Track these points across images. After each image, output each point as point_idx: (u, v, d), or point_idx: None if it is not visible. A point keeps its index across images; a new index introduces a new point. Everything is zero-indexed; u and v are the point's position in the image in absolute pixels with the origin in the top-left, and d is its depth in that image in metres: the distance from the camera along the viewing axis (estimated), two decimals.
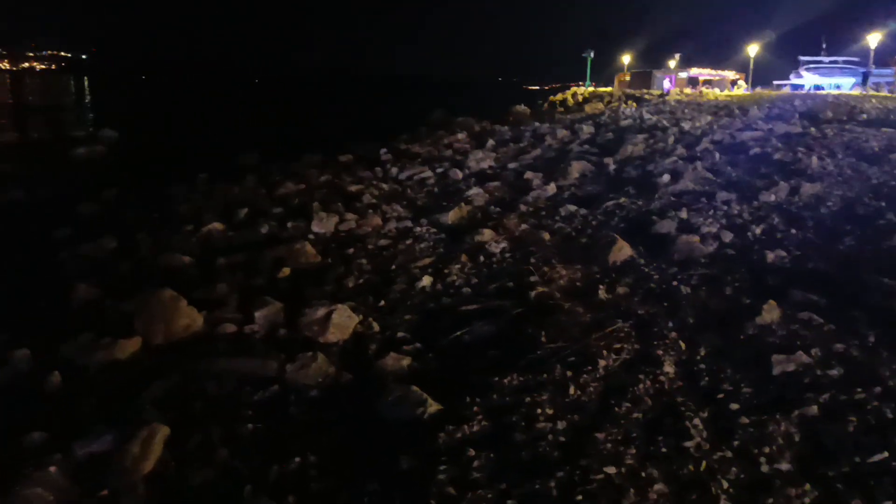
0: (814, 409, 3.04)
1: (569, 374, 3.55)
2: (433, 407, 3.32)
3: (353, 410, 3.52)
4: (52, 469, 2.79)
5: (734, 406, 3.16)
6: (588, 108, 34.54)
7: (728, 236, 6.29)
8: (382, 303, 5.24)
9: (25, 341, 4.31)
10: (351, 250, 6.72)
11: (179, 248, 7.01)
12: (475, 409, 3.28)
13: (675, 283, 5.10)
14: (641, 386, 3.39)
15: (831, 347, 3.67)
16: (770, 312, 4.18)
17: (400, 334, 4.58)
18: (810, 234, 6.27)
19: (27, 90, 73.41)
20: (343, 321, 4.55)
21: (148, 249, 7.03)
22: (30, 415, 3.39)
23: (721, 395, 3.27)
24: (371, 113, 46.50)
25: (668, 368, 3.58)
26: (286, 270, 6.04)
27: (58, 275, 6.21)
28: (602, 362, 3.67)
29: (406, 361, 4.03)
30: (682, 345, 3.89)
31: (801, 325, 4.02)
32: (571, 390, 3.38)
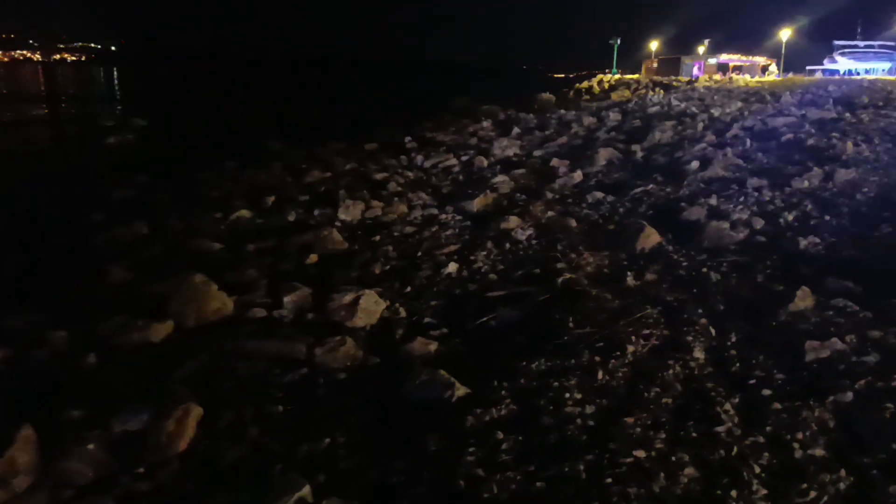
0: (848, 395, 2.99)
1: (597, 359, 3.54)
2: (461, 390, 3.33)
3: (380, 393, 3.55)
4: (91, 445, 2.86)
5: (766, 392, 3.11)
6: (615, 96, 34.14)
7: (759, 223, 6.18)
8: (409, 289, 5.26)
9: (62, 323, 4.42)
10: (377, 237, 6.76)
11: (209, 233, 7.11)
12: (503, 392, 3.29)
13: (704, 269, 5.04)
14: (671, 371, 3.36)
15: (867, 334, 3.60)
16: (803, 299, 4.11)
17: (426, 319, 4.60)
18: (845, 221, 6.14)
19: (59, 81, 74.75)
20: (370, 306, 4.57)
21: (178, 234, 7.14)
22: (68, 393, 3.48)
23: (752, 382, 3.23)
24: (396, 99, 46.55)
25: (698, 354, 3.54)
26: (314, 256, 6.09)
27: (92, 258, 6.33)
28: (630, 348, 3.64)
29: (433, 346, 4.05)
30: (712, 331, 3.84)
31: (835, 312, 3.95)
32: (599, 375, 3.36)
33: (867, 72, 46.43)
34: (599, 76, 64.31)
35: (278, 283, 5.22)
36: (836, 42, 56.45)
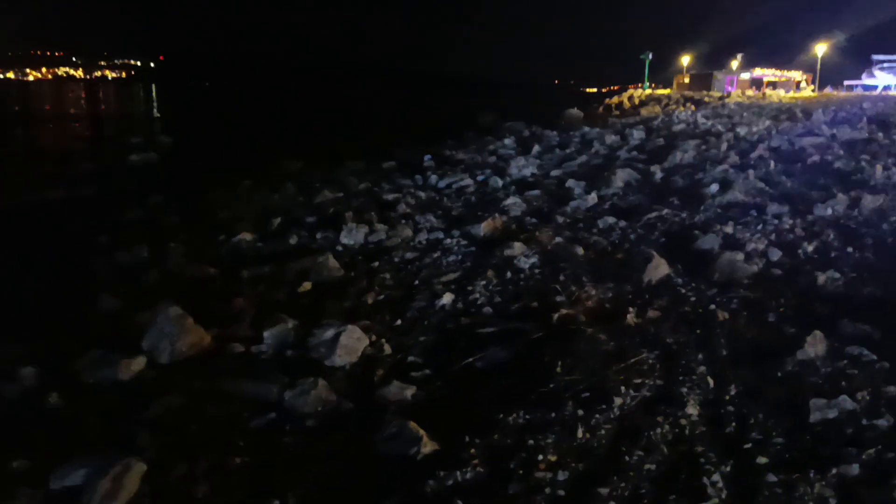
0: (854, 468, 2.65)
1: (580, 412, 3.26)
2: (428, 446, 3.09)
3: (346, 444, 3.32)
4: None
5: (762, 459, 2.80)
6: (644, 112, 33.68)
7: (776, 254, 5.82)
8: (399, 322, 5.05)
9: (38, 355, 4.31)
10: (376, 263, 6.56)
11: (207, 257, 7.01)
12: (472, 450, 3.03)
13: (712, 307, 4.73)
14: (658, 430, 3.07)
15: (881, 391, 3.25)
16: (814, 345, 3.77)
17: (411, 358, 4.38)
18: (868, 254, 5.74)
19: (100, 99, 76.89)
20: (352, 343, 4.36)
21: (178, 259, 7.04)
22: (18, 438, 3.33)
23: (748, 445, 2.92)
24: (424, 114, 46.68)
25: (691, 410, 3.24)
26: (307, 285, 5.92)
27: (87, 284, 6.26)
28: (618, 400, 3.36)
29: (410, 391, 3.81)
30: (711, 381, 3.53)
31: (848, 362, 3.61)
32: (580, 433, 3.09)
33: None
34: (630, 91, 63.73)
35: (264, 314, 5.05)
36: (875, 56, 54.97)
